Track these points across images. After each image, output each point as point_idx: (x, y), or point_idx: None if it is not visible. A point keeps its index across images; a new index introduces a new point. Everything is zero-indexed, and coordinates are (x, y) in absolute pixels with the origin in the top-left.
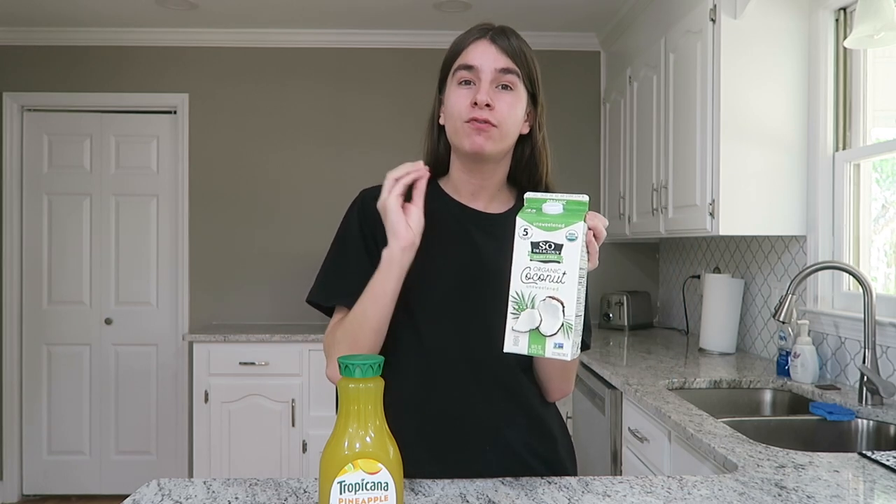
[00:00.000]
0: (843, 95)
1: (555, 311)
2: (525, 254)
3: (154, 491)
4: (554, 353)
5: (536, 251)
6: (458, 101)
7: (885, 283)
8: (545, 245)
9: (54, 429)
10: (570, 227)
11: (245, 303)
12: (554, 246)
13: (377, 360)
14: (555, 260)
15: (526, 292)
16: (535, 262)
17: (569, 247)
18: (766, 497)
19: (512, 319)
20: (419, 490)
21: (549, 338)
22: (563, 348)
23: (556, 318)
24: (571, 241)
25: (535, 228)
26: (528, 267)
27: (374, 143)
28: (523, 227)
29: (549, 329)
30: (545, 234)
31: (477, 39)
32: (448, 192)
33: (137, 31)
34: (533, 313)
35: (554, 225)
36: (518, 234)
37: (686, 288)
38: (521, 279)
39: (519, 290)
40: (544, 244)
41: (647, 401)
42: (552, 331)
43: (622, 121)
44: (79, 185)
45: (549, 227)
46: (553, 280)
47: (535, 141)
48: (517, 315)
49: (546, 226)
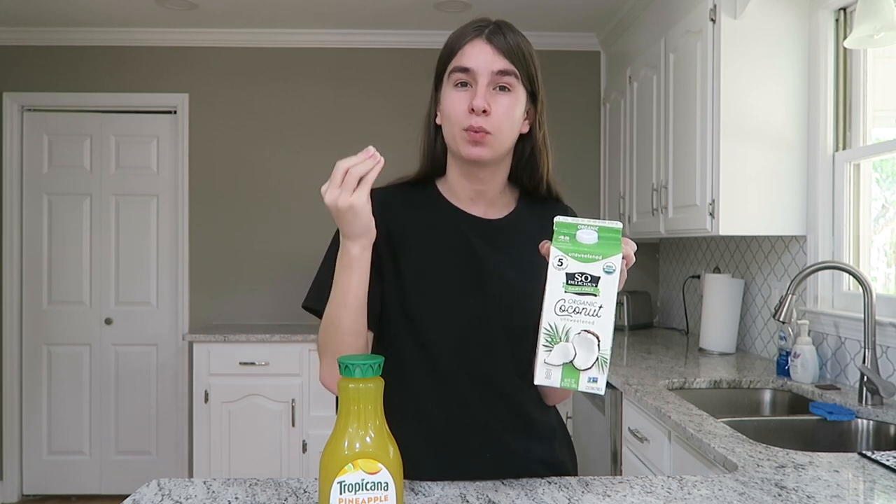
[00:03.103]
0: (843, 95)
1: (590, 345)
2: (560, 285)
3: (154, 491)
4: (588, 387)
5: (572, 283)
6: (455, 105)
7: (885, 283)
8: (581, 277)
9: (54, 429)
10: (608, 260)
11: (245, 303)
12: (591, 278)
13: (377, 360)
14: (591, 293)
15: (560, 325)
16: (570, 293)
17: (606, 279)
18: (766, 497)
19: (544, 352)
20: (419, 490)
21: (584, 372)
22: (597, 382)
23: (592, 352)
24: (609, 274)
25: (571, 259)
26: (562, 299)
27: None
28: (558, 258)
29: (583, 363)
30: (581, 266)
31: (472, 39)
32: (446, 196)
33: (137, 31)
34: (567, 346)
35: (591, 256)
36: (552, 263)
37: (686, 288)
38: (556, 311)
39: (553, 323)
40: (580, 276)
41: (647, 401)
42: (587, 365)
43: (622, 121)
44: (79, 185)
45: (586, 259)
46: (589, 314)
47: (535, 139)
48: (550, 348)
49: (583, 256)
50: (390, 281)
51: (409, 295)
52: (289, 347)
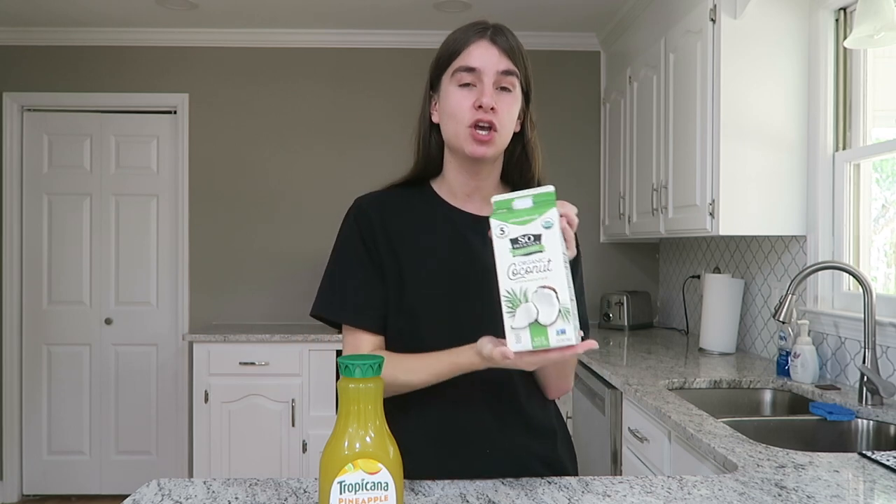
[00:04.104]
0: (843, 95)
1: (549, 298)
2: (506, 252)
3: (154, 491)
4: (559, 340)
5: (517, 246)
6: (461, 103)
7: (885, 283)
8: (524, 238)
9: (54, 429)
10: (544, 216)
11: (245, 303)
12: (533, 237)
13: (377, 360)
14: (537, 250)
15: (517, 288)
16: (518, 257)
17: (547, 234)
18: (766, 497)
19: (509, 318)
20: (419, 490)
21: (550, 327)
22: (566, 333)
23: (552, 305)
24: (548, 229)
25: (510, 225)
26: (512, 263)
27: (373, 142)
28: (499, 227)
29: (547, 318)
30: (521, 229)
31: (477, 39)
32: (442, 195)
33: (137, 31)
34: (528, 306)
35: (527, 218)
36: (495, 234)
37: (686, 288)
38: (509, 276)
39: (509, 288)
40: (523, 238)
41: (647, 401)
42: (551, 319)
43: (622, 121)
44: (79, 185)
45: (524, 221)
46: (540, 270)
47: (526, 138)
48: (513, 312)
49: (520, 220)
50: (391, 280)
51: (409, 293)
52: (289, 347)
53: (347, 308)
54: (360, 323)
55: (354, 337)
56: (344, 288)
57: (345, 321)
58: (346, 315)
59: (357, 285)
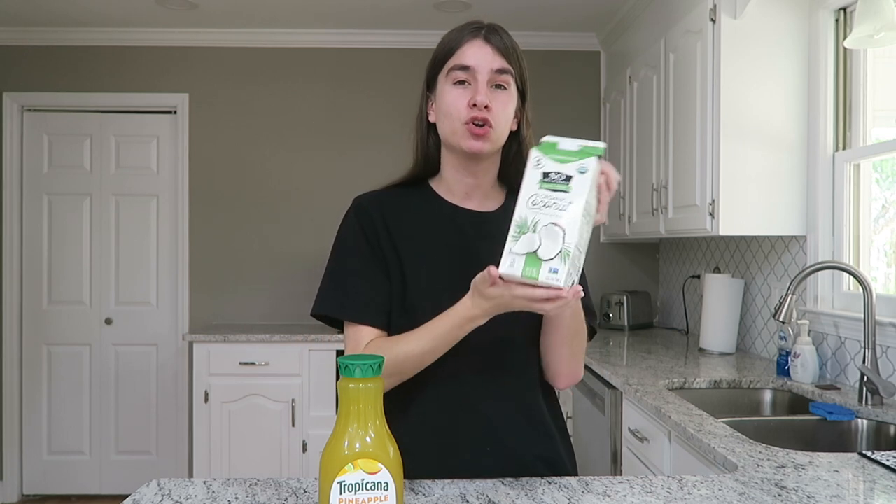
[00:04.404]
0: (843, 95)
1: (555, 236)
2: (535, 182)
3: (154, 491)
4: (548, 277)
5: (546, 180)
6: (456, 101)
7: (885, 283)
8: (555, 175)
9: (54, 429)
10: (583, 161)
11: (245, 303)
12: (564, 177)
13: (377, 360)
14: (563, 189)
15: (529, 217)
16: (543, 189)
17: (578, 179)
18: (766, 497)
19: (512, 241)
20: (419, 490)
21: (546, 262)
22: (557, 273)
23: (556, 243)
24: (582, 174)
25: (548, 160)
26: (535, 194)
27: (373, 143)
28: (536, 158)
29: (546, 253)
30: (557, 166)
31: (471, 38)
32: (441, 193)
33: (137, 31)
34: (533, 237)
35: (567, 158)
36: (530, 163)
37: (686, 288)
38: (527, 205)
39: (522, 215)
40: (555, 174)
41: (647, 401)
42: (550, 255)
43: (622, 121)
44: (79, 185)
45: (562, 160)
46: (558, 208)
47: (522, 137)
48: (517, 238)
49: (559, 158)
50: (394, 277)
51: (410, 291)
52: (289, 347)
53: (351, 304)
54: (364, 319)
55: (358, 333)
56: (347, 285)
57: (349, 318)
58: (350, 311)
59: (361, 281)
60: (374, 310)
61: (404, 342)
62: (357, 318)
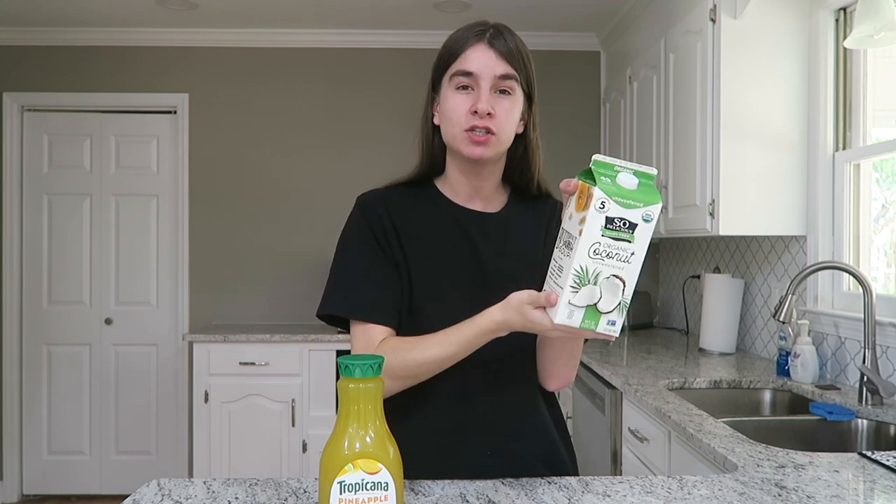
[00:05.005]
0: (843, 95)
1: (616, 289)
2: (598, 228)
3: (154, 491)
4: (606, 329)
5: (610, 227)
6: (457, 107)
7: (885, 283)
8: (620, 223)
9: (54, 429)
10: (648, 209)
11: (245, 303)
12: (629, 224)
13: (377, 360)
14: (627, 239)
15: (591, 268)
16: (606, 238)
17: (643, 227)
18: (766, 497)
19: (571, 292)
20: (419, 490)
21: (605, 315)
22: (614, 325)
23: (616, 296)
24: (647, 223)
25: (613, 203)
26: (598, 242)
27: (373, 143)
28: (601, 200)
29: (606, 307)
30: (622, 211)
31: (474, 43)
32: (445, 193)
33: (137, 31)
34: (594, 290)
35: (632, 203)
36: (594, 205)
37: (686, 288)
38: (589, 254)
39: (584, 265)
40: (619, 221)
41: (647, 401)
42: (609, 308)
43: (622, 121)
44: (79, 185)
45: (627, 205)
46: (621, 259)
47: (528, 140)
48: (577, 289)
49: (624, 202)
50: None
51: (415, 291)
52: (289, 347)
53: (361, 303)
54: (375, 317)
55: (368, 332)
56: (356, 283)
57: (360, 317)
58: (360, 311)
59: (370, 279)
60: (385, 308)
61: (423, 347)
62: (367, 317)
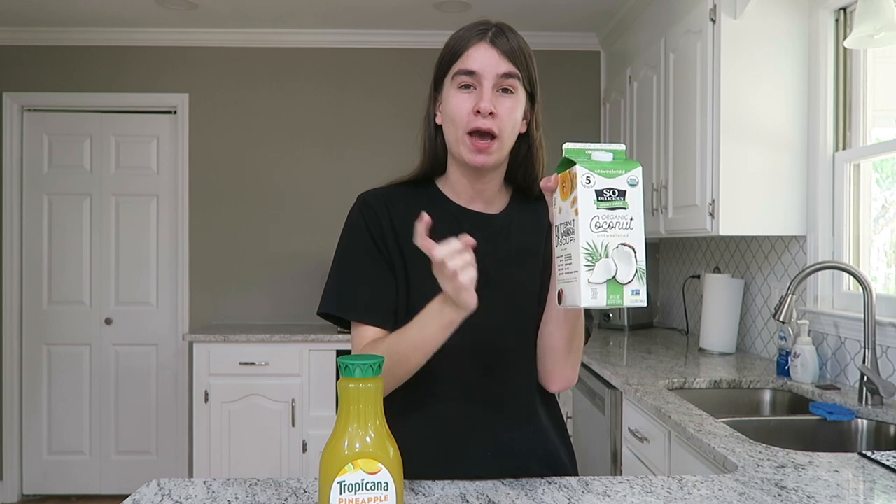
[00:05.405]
0: (843, 95)
1: (628, 257)
2: (591, 202)
3: (154, 491)
4: (632, 300)
5: (601, 199)
6: (460, 106)
7: (885, 283)
8: (609, 192)
9: (54, 429)
10: (630, 173)
11: (245, 303)
12: (618, 192)
13: (377, 360)
14: (621, 206)
15: (598, 241)
16: (602, 209)
17: (631, 192)
18: (766, 497)
19: (587, 272)
20: (419, 490)
21: (626, 285)
22: (639, 294)
23: (630, 264)
24: (633, 187)
25: (598, 176)
26: (595, 216)
27: (373, 143)
28: (585, 176)
29: (625, 277)
30: (608, 181)
31: (477, 42)
32: (447, 193)
33: (137, 31)
34: (608, 262)
35: (614, 172)
36: (581, 182)
37: (686, 288)
38: (591, 228)
39: (591, 241)
40: (608, 191)
41: (647, 401)
42: (628, 278)
43: (622, 121)
44: (79, 185)
45: (610, 175)
46: (622, 227)
47: (531, 139)
48: (592, 266)
49: (606, 173)
50: (398, 277)
51: (414, 292)
52: (289, 347)
53: (358, 304)
54: (368, 320)
55: (361, 334)
56: (353, 284)
57: (356, 318)
58: (355, 312)
59: (367, 280)
60: (380, 310)
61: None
62: (362, 319)
